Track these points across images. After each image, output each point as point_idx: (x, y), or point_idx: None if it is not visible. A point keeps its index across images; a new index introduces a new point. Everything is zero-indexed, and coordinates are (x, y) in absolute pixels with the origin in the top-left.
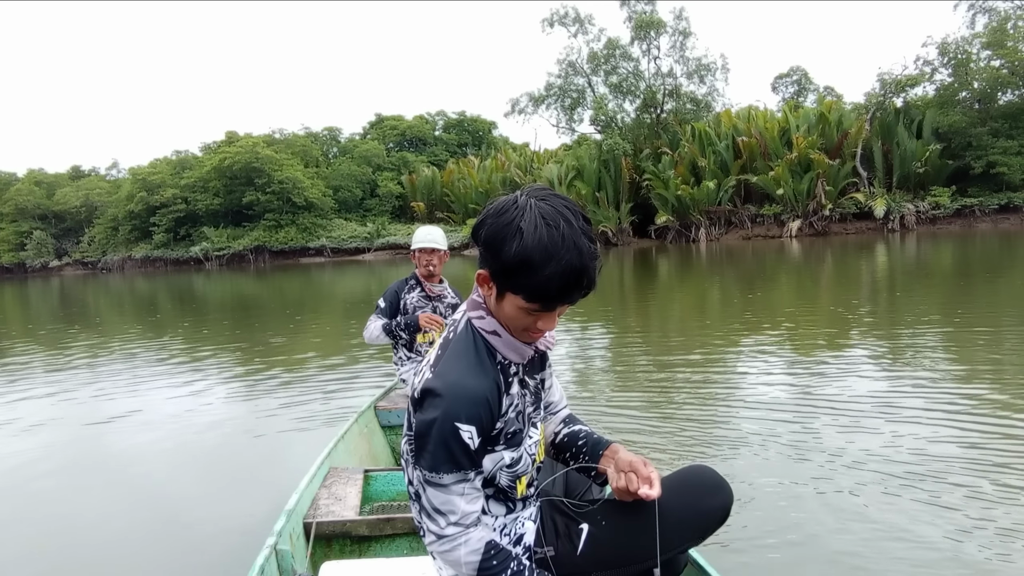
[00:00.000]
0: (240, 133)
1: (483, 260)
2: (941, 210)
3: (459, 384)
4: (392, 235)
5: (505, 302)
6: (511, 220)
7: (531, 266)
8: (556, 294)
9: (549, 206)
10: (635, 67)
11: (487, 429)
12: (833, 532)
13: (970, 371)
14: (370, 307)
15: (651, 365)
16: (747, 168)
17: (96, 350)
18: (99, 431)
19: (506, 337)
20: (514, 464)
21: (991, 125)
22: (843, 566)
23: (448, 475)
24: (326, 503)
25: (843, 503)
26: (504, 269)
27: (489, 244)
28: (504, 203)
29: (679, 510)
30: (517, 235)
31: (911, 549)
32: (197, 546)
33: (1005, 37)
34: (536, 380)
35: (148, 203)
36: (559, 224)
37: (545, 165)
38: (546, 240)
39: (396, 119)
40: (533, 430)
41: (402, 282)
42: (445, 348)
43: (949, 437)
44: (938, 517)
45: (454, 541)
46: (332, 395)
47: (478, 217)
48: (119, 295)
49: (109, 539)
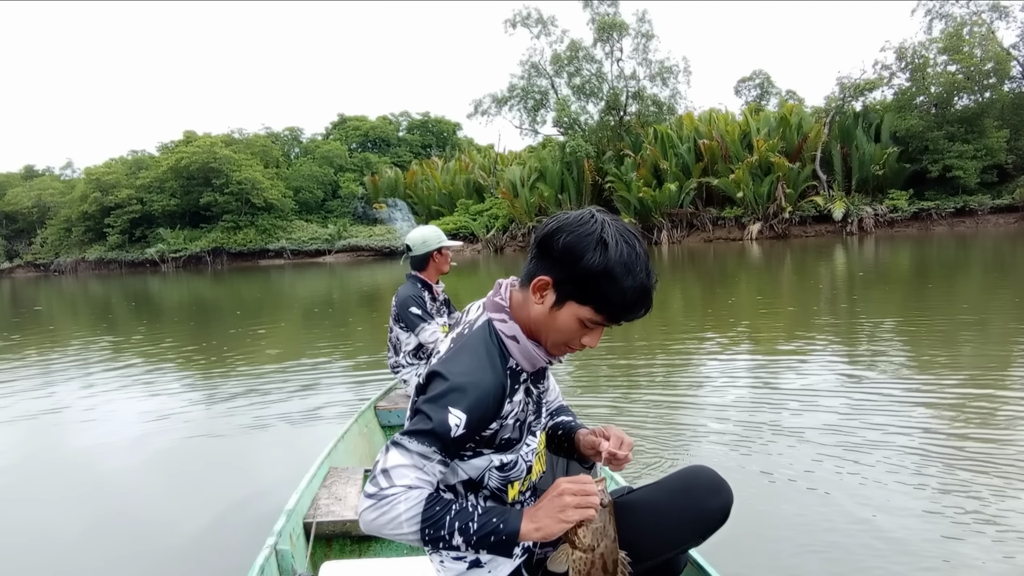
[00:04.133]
0: (199, 133)
1: (548, 267)
2: (899, 213)
3: (465, 374)
4: (353, 237)
5: (563, 311)
6: (593, 232)
7: (612, 278)
8: (626, 309)
9: (622, 226)
10: (598, 69)
11: (478, 426)
12: (833, 532)
13: (953, 363)
14: (338, 310)
15: (614, 369)
16: (708, 171)
17: (68, 355)
18: (90, 435)
19: (524, 344)
20: (506, 468)
21: (947, 129)
22: (843, 565)
23: (417, 444)
24: (326, 503)
25: (839, 501)
26: (582, 278)
27: (568, 252)
28: (582, 215)
29: (679, 510)
30: (600, 246)
31: (908, 548)
32: (197, 546)
33: (961, 42)
34: (539, 389)
35: (102, 204)
36: (635, 244)
37: (508, 167)
38: (626, 256)
39: (359, 119)
40: (531, 438)
41: (413, 289)
42: (458, 343)
43: (947, 434)
44: (932, 514)
45: (394, 500)
46: (331, 395)
47: (546, 227)
48: (72, 298)
49: (114, 540)
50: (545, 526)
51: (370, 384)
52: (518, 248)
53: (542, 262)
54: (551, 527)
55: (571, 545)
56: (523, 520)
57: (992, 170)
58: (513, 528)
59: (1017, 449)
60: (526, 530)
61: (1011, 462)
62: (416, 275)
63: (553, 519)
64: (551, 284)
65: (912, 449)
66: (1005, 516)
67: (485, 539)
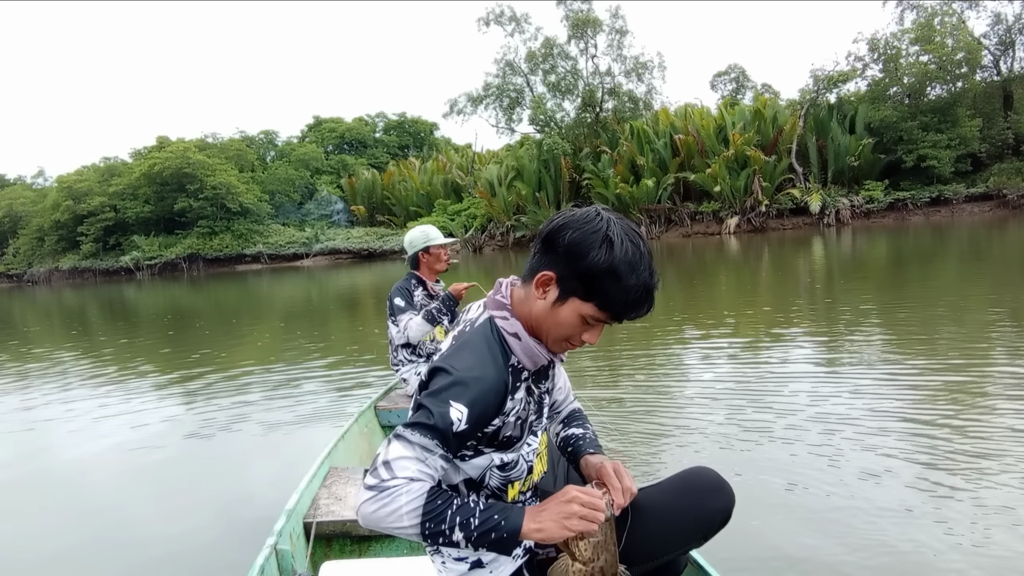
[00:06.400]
0: (172, 138)
1: (553, 263)
2: (875, 204)
3: (468, 369)
4: (331, 240)
5: (565, 307)
6: (599, 229)
7: (616, 275)
8: (629, 307)
9: (627, 225)
10: (573, 66)
11: (479, 421)
12: (831, 530)
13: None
14: (318, 313)
15: (597, 368)
16: (685, 166)
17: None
18: (84, 437)
19: (526, 341)
20: (507, 467)
21: (921, 119)
22: (842, 564)
23: (419, 436)
24: (326, 503)
25: (839, 500)
26: (586, 274)
27: (573, 248)
28: (587, 213)
29: (680, 511)
30: (606, 244)
31: (904, 544)
32: (197, 546)
33: (933, 32)
34: (541, 389)
35: (75, 212)
36: (639, 243)
37: (486, 166)
38: (631, 254)
39: (335, 121)
40: (532, 438)
41: (405, 282)
42: (460, 340)
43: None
44: (923, 507)
45: (395, 492)
46: (330, 396)
47: (552, 223)
48: (47, 308)
49: (114, 540)
50: (548, 528)
51: (370, 383)
52: (496, 247)
53: (546, 257)
54: (553, 531)
55: (571, 557)
56: (525, 519)
57: (966, 159)
58: (515, 526)
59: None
60: (527, 529)
61: (1004, 454)
62: (413, 272)
63: (557, 523)
64: (555, 280)
65: (906, 442)
66: (1001, 513)
67: (486, 535)
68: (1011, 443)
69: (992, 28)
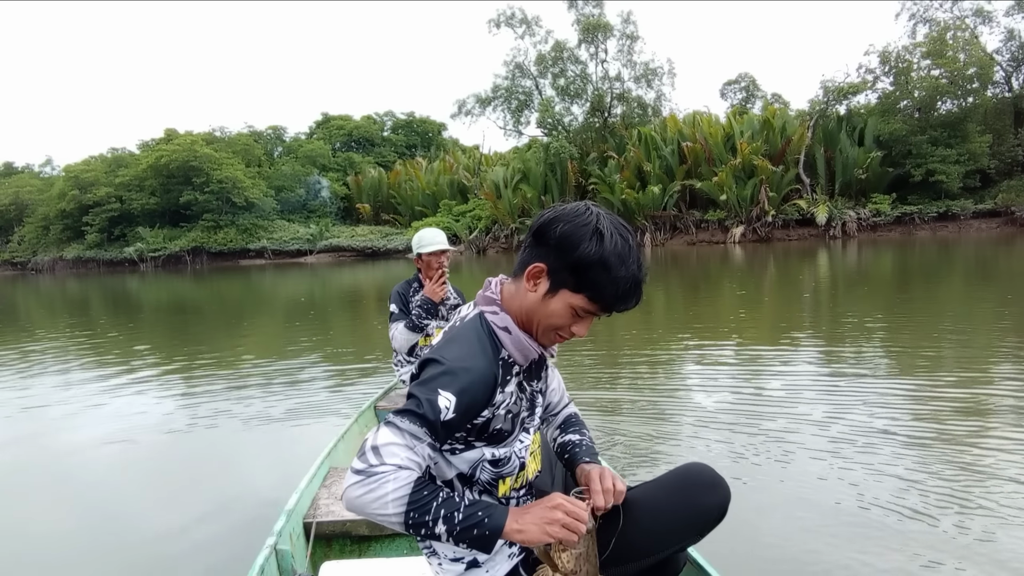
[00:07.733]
0: (180, 131)
1: (544, 255)
2: (882, 217)
3: (457, 359)
4: (336, 237)
5: (556, 299)
6: (589, 222)
7: (606, 267)
8: (618, 298)
9: (616, 219)
10: (582, 70)
11: (468, 410)
12: (831, 528)
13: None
14: (319, 313)
15: (599, 373)
16: (692, 173)
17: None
18: (83, 436)
19: (516, 335)
20: (499, 463)
21: (930, 134)
22: (842, 563)
23: (408, 424)
24: (326, 503)
25: (837, 498)
26: (577, 266)
27: (564, 240)
28: (577, 207)
29: (676, 508)
30: (596, 236)
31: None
32: (197, 546)
33: (944, 47)
34: (533, 387)
35: (81, 202)
36: (628, 237)
37: (492, 168)
38: (620, 247)
39: (343, 119)
40: (525, 435)
41: (406, 284)
42: (449, 333)
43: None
44: (927, 510)
45: (383, 478)
46: (331, 396)
47: (543, 216)
48: (50, 297)
49: (114, 540)
50: (529, 531)
51: (370, 384)
52: (500, 250)
53: (537, 250)
54: (534, 534)
55: (552, 568)
56: (508, 519)
57: (975, 175)
58: (497, 525)
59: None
60: (509, 530)
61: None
62: (417, 274)
63: (538, 527)
64: (546, 271)
65: (902, 443)
66: (1000, 520)
67: (467, 531)
68: (1016, 455)
69: (1005, 44)
